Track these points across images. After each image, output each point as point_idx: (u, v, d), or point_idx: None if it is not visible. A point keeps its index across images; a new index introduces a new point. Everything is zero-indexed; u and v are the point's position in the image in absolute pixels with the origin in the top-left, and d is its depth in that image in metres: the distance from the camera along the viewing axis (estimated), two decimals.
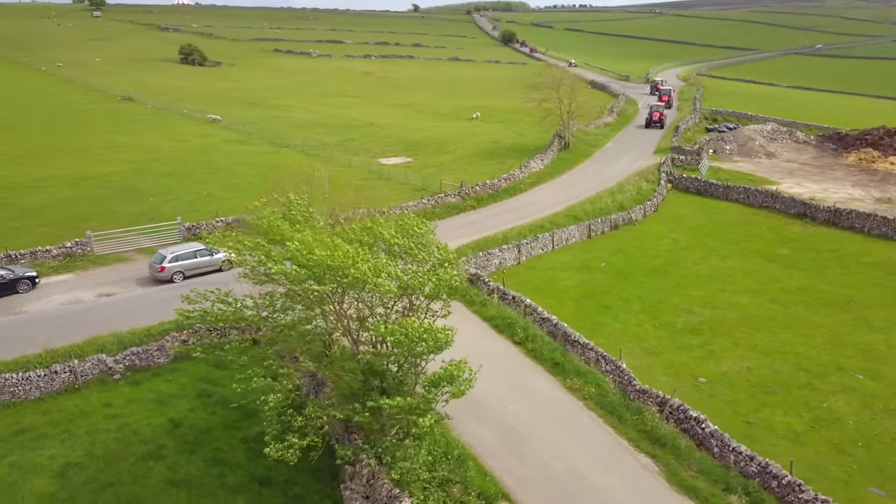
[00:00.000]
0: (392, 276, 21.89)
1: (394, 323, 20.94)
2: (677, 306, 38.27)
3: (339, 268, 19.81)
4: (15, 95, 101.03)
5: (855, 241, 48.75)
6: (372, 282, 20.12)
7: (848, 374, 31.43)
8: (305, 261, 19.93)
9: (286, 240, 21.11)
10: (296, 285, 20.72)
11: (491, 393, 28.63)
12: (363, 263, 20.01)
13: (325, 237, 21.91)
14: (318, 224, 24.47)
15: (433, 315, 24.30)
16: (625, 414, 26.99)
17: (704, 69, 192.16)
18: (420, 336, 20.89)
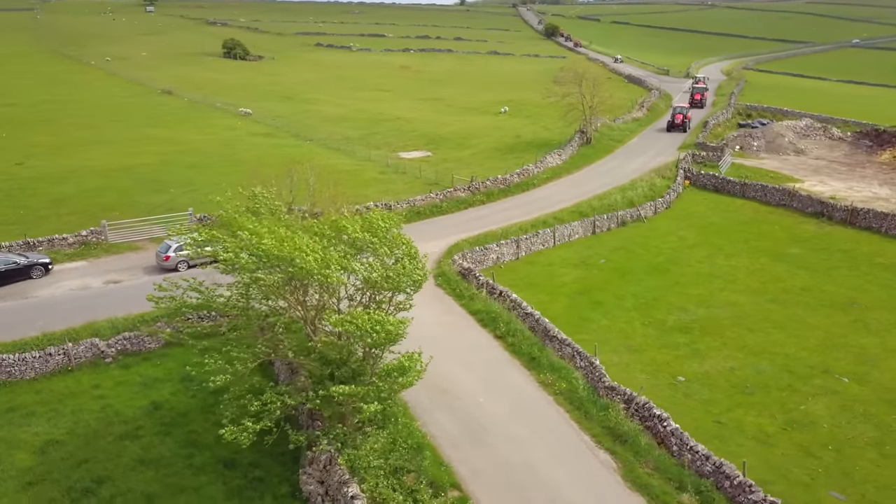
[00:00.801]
0: (347, 268, 22.55)
1: (345, 314, 21.52)
2: (672, 304, 38.02)
3: (286, 258, 20.53)
4: (61, 89, 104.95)
5: (870, 242, 47.49)
6: (319, 273, 20.77)
7: (833, 377, 30.89)
8: (254, 250, 20.71)
9: (242, 230, 21.92)
10: (246, 274, 21.52)
11: (464, 385, 29.16)
12: (311, 255, 20.67)
13: (282, 229, 22.62)
14: (284, 217, 25.15)
15: (397, 308, 24.89)
16: (592, 410, 27.13)
17: (752, 63, 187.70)
18: (372, 328, 21.48)
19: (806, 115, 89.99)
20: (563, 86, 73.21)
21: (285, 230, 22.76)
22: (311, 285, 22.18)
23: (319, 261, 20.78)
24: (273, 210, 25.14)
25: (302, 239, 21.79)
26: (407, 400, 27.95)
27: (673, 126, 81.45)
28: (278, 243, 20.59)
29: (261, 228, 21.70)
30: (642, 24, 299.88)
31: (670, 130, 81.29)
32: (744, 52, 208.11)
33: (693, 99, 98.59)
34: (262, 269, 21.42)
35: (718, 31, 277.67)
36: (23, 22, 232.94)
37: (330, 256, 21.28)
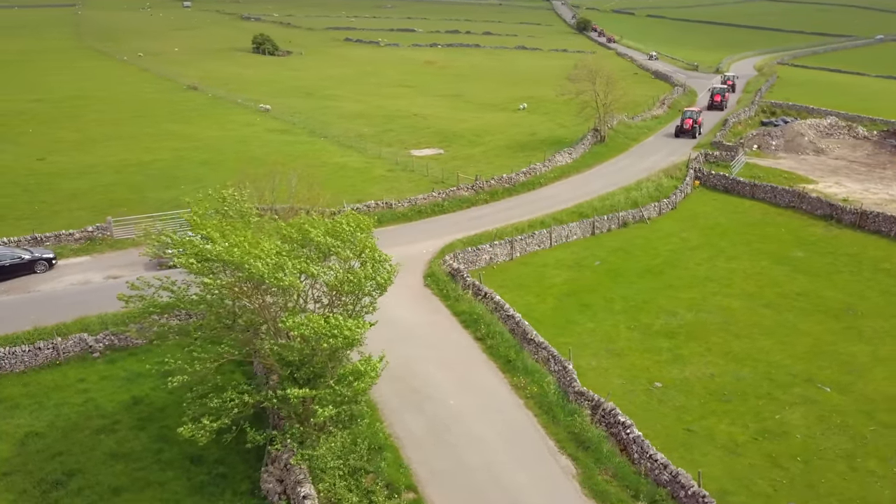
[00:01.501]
0: (307, 272, 22.92)
1: (301, 317, 21.86)
2: (661, 308, 37.71)
3: (236, 263, 20.98)
4: (91, 85, 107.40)
5: (878, 246, 46.41)
6: (271, 277, 21.17)
7: (815, 386, 30.41)
8: (205, 255, 21.20)
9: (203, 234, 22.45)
10: (201, 276, 22.05)
11: (437, 386, 29.44)
12: (263, 259, 21.07)
13: (244, 234, 23.07)
14: (253, 220, 25.61)
15: (361, 311, 25.19)
16: (559, 414, 27.17)
17: (788, 57, 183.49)
18: (329, 331, 21.83)
19: (832, 112, 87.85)
20: (576, 83, 72.58)
21: (250, 234, 23.25)
22: (269, 288, 22.59)
23: (271, 266, 21.17)
24: (243, 213, 25.59)
25: (259, 244, 22.20)
26: (377, 400, 28.38)
27: (682, 131, 76.22)
28: (228, 249, 21.04)
29: (214, 233, 22.15)
30: (677, 17, 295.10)
31: (679, 136, 76.00)
32: (780, 47, 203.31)
33: (713, 101, 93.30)
34: (213, 274, 21.92)
35: (755, 25, 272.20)
36: (64, 18, 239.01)
37: (283, 261, 21.66)
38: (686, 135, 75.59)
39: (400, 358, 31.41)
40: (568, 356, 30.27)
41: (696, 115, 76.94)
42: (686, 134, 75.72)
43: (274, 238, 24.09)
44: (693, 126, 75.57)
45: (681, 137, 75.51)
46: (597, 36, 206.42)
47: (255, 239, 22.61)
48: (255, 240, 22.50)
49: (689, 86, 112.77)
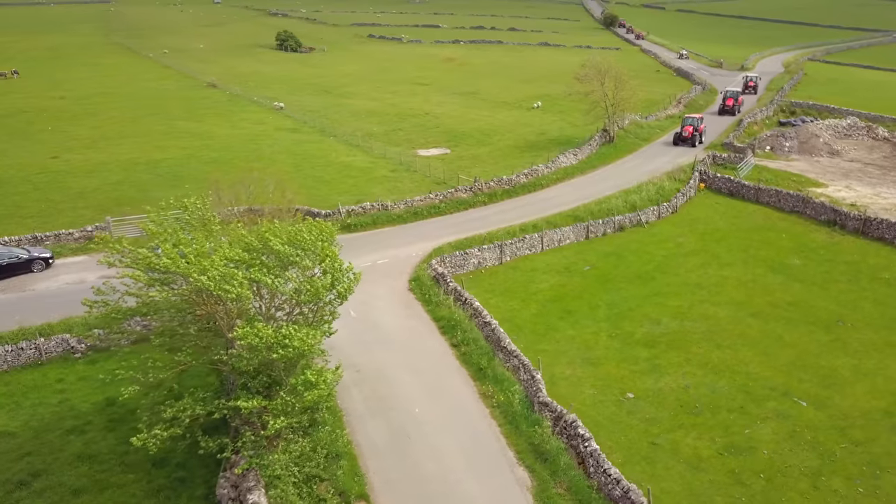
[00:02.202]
0: (261, 281, 23.15)
1: (250, 327, 22.08)
2: (645, 316, 37.30)
3: (183, 274, 21.29)
4: (114, 82, 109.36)
5: (879, 254, 45.30)
6: (217, 288, 21.43)
7: (791, 400, 29.86)
8: (152, 266, 21.54)
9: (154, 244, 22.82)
10: (150, 285, 22.42)
11: (405, 393, 29.54)
12: (210, 271, 21.34)
13: (201, 243, 23.37)
14: (216, 228, 25.90)
15: (320, 321, 25.36)
16: (522, 425, 27.10)
17: (821, 53, 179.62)
18: (278, 341, 22.06)
19: (853, 112, 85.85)
20: (584, 83, 71.90)
21: (204, 243, 23.55)
22: (220, 299, 22.86)
23: (217, 278, 21.43)
24: (205, 221, 25.90)
25: (206, 255, 22.44)
26: (344, 406, 28.62)
27: (680, 139, 71.43)
28: (173, 260, 21.35)
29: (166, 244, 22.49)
30: (709, 12, 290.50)
31: (677, 144, 71.39)
32: (814, 42, 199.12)
33: (724, 105, 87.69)
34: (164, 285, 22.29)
35: (789, 20, 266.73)
36: (98, 14, 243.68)
37: (229, 272, 21.89)
38: (685, 143, 71.04)
39: (373, 363, 31.79)
40: (537, 365, 30.09)
41: (696, 122, 72.23)
42: (685, 142, 71.11)
43: (234, 247, 24.34)
44: (693, 134, 70.88)
45: (679, 146, 71.19)
46: (625, 32, 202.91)
47: (203, 249, 22.87)
48: (203, 250, 22.77)
49: (711, 84, 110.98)
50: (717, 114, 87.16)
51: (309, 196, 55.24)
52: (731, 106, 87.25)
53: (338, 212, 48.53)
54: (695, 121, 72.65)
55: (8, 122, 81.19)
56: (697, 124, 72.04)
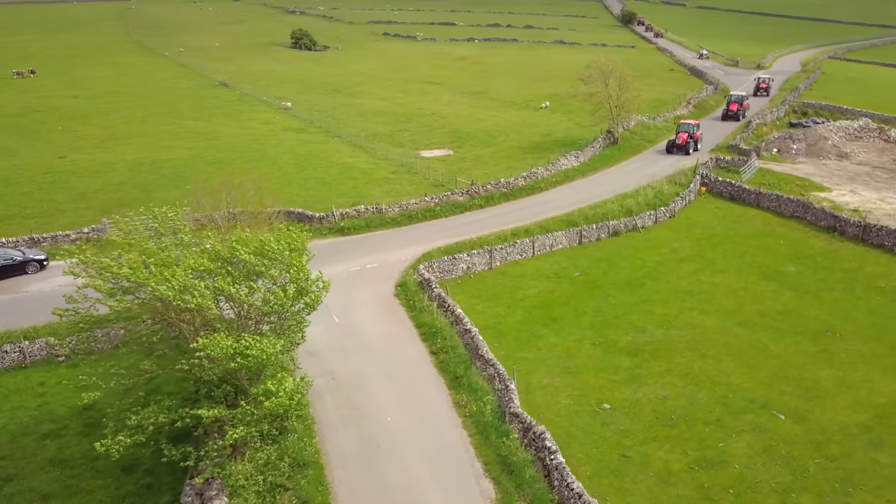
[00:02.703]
0: (226, 291, 23.30)
1: (208, 338, 22.23)
2: (632, 324, 37.01)
3: (143, 284, 21.51)
4: (129, 81, 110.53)
5: (878, 262, 44.51)
6: (178, 298, 21.61)
7: (769, 413, 29.49)
8: (113, 276, 21.78)
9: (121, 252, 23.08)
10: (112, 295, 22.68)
11: (379, 401, 29.61)
12: (164, 282, 21.53)
13: (169, 253, 23.60)
14: (187, 236, 26.09)
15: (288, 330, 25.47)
16: (492, 436, 27.04)
17: (842, 51, 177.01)
18: (238, 351, 22.22)
19: (867, 113, 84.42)
20: (588, 83, 71.38)
21: (171, 253, 23.78)
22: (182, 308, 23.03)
23: (177, 288, 21.61)
24: (176, 230, 26.11)
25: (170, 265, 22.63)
26: (316, 414, 28.76)
27: (674, 147, 68.08)
28: (134, 271, 21.58)
29: (131, 254, 22.72)
30: (731, 8, 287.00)
31: (670, 152, 68.02)
32: (836, 40, 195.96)
33: (728, 110, 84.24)
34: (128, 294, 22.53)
35: (812, 17, 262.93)
36: (119, 12, 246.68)
37: (190, 283, 22.06)
38: (679, 151, 67.61)
39: (350, 370, 31.90)
40: (513, 374, 29.98)
41: (692, 129, 68.90)
42: (679, 150, 67.62)
43: (202, 256, 24.51)
44: (688, 141, 67.54)
45: (673, 154, 67.89)
46: (644, 31, 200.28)
47: (170, 259, 23.08)
48: (169, 260, 22.98)
49: (724, 84, 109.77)
50: (721, 119, 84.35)
51: (308, 197, 55.62)
52: (736, 111, 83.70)
53: (332, 215, 48.69)
54: (690, 127, 69.35)
55: (21, 121, 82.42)
56: (693, 131, 68.92)
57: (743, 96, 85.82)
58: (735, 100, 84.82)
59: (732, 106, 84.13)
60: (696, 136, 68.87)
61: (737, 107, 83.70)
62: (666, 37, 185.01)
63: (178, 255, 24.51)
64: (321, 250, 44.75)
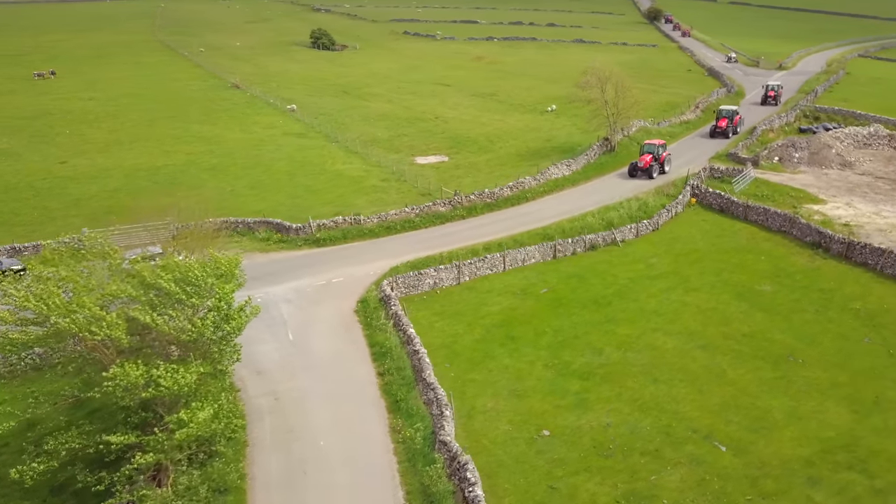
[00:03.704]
0: (141, 319, 23.57)
1: (118, 368, 22.52)
2: (589, 344, 36.54)
3: (47, 316, 21.89)
4: (145, 82, 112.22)
5: (858, 281, 43.23)
6: (84, 330, 21.93)
7: (710, 445, 28.89)
8: (19, 306, 22.21)
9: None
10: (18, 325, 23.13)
11: (317, 423, 29.74)
12: (68, 315, 21.86)
13: (88, 282, 23.95)
14: (116, 260, 26.43)
15: (214, 357, 25.68)
16: (419, 464, 26.99)
17: (875, 48, 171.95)
18: (149, 381, 22.49)
19: (880, 119, 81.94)
20: (586, 90, 70.49)
21: (91, 280, 24.13)
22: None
23: (82, 321, 21.92)
24: (105, 254, 26.46)
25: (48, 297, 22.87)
26: (253, 436, 28.98)
27: (636, 170, 62.17)
28: (39, 302, 21.94)
29: (40, 285, 23.12)
30: (764, 4, 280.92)
31: (633, 176, 62.29)
32: (870, 37, 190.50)
33: (716, 127, 76.66)
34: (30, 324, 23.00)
35: (848, 12, 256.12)
36: (148, 10, 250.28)
37: (98, 314, 22.34)
38: (642, 174, 61.87)
39: (295, 391, 32.08)
40: (450, 400, 29.84)
41: (657, 150, 62.73)
42: (642, 173, 61.92)
43: (124, 283, 24.83)
44: (651, 164, 61.64)
45: (636, 178, 62.14)
46: (671, 29, 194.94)
47: (89, 285, 23.42)
48: (88, 286, 23.31)
49: (741, 85, 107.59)
50: (710, 136, 76.92)
51: (293, 206, 55.95)
52: (724, 128, 76.12)
53: (308, 226, 48.90)
54: (655, 148, 63.23)
55: (33, 124, 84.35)
56: (658, 152, 62.83)
57: (734, 111, 77.88)
58: (725, 115, 77.25)
59: (721, 122, 76.76)
60: (663, 157, 62.80)
61: (726, 123, 76.34)
62: (693, 35, 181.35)
63: (103, 280, 24.85)
64: (292, 263, 45.37)
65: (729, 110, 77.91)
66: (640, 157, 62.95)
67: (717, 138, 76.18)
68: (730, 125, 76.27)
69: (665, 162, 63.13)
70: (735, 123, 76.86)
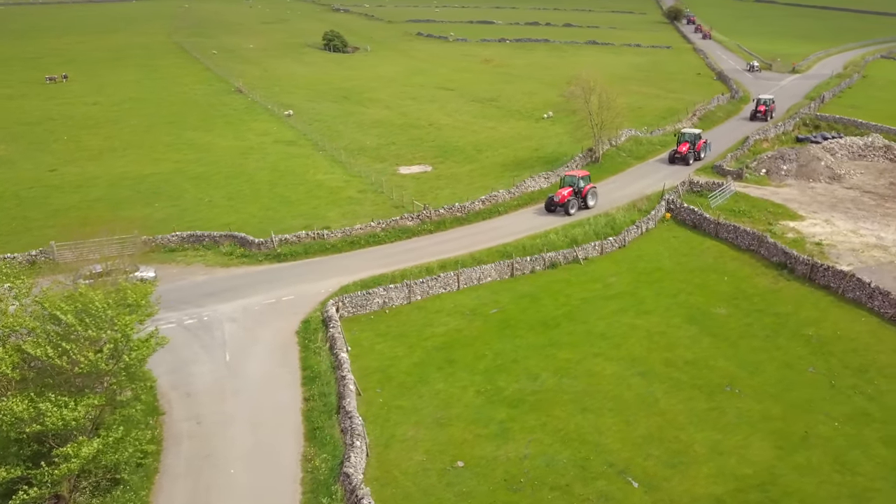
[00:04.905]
0: (35, 353, 23.94)
1: (6, 399, 22.92)
2: (526, 369, 36.22)
3: None
4: (152, 86, 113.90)
5: (818, 305, 42.20)
6: None
7: (623, 481, 28.47)
8: None
9: None
10: None
11: (232, 450, 29.95)
12: None
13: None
14: (26, 287, 26.89)
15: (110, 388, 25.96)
16: (322, 495, 27.01)
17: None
18: (33, 417, 22.87)
19: (881, 128, 79.80)
20: (570, 100, 69.82)
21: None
22: None
23: None
24: (12, 281, 26.91)
25: None
26: (166, 462, 29.24)
27: (553, 205, 55.98)
28: None
29: None
30: (790, 2, 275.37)
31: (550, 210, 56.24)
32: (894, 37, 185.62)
33: (675, 152, 69.20)
34: None
35: (877, 10, 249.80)
36: (170, 10, 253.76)
37: None
38: (560, 209, 55.97)
39: (218, 415, 32.30)
40: (363, 428, 29.82)
41: (578, 183, 56.91)
42: (559, 208, 55.97)
43: (18, 314, 25.23)
44: (568, 200, 55.48)
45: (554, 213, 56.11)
46: (693, 31, 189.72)
47: None
48: None
49: (748, 90, 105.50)
50: (668, 161, 69.86)
51: (264, 218, 56.36)
52: (685, 154, 68.67)
53: (270, 241, 49.20)
54: (575, 180, 57.27)
55: (34, 130, 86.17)
56: (579, 185, 56.89)
57: (697, 135, 70.67)
58: (686, 139, 70.13)
59: (681, 147, 69.31)
60: (585, 190, 56.68)
61: (686, 148, 69.09)
62: (712, 36, 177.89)
63: (5, 309, 25.28)
64: (249, 279, 45.68)
65: (692, 134, 71.08)
66: (559, 190, 56.80)
67: (677, 164, 68.78)
68: (692, 150, 69.29)
69: (588, 195, 56.87)
70: (698, 148, 69.74)
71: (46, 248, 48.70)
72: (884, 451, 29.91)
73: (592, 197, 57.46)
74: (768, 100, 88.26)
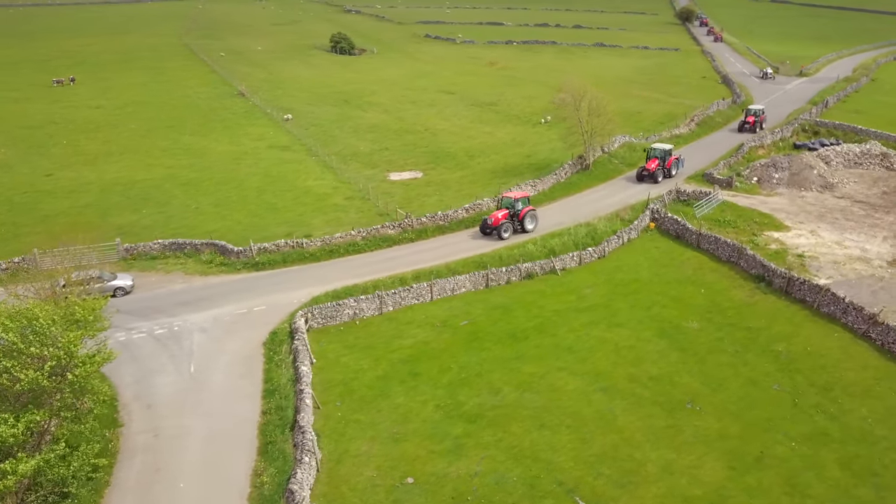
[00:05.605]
0: None
1: None
2: (489, 384, 36.16)
3: None
4: (157, 89, 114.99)
5: (792, 320, 41.72)
6: None
7: (571, 501, 28.34)
8: None
9: None
10: None
11: (184, 464, 30.17)
12: None
13: None
14: None
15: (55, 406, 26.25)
16: None
17: None
18: None
19: (881, 135, 78.73)
20: (560, 107, 69.53)
21: None
22: None
23: None
24: None
25: None
26: (118, 476, 29.53)
27: (487, 228, 53.16)
28: None
29: None
30: (806, 2, 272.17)
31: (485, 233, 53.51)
32: None
33: (644, 169, 65.35)
34: None
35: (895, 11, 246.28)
36: (183, 11, 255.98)
37: None
38: (493, 231, 53.22)
39: (175, 428, 32.55)
40: (315, 443, 29.94)
41: (515, 205, 53.66)
42: (493, 231, 53.18)
43: None
44: (501, 223, 52.63)
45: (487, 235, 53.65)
46: (706, 34, 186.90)
47: None
48: None
49: (751, 95, 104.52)
50: (636, 179, 66.01)
51: (249, 225, 56.71)
52: (654, 171, 64.72)
53: (249, 250, 49.47)
54: (513, 202, 53.94)
55: (35, 133, 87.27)
56: (517, 206, 53.94)
57: (667, 151, 66.16)
58: (655, 155, 65.87)
59: (650, 164, 65.20)
60: (523, 213, 53.60)
61: (656, 165, 65.17)
62: (723, 38, 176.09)
63: None
64: (225, 288, 45.98)
65: (661, 150, 66.32)
66: (494, 212, 53.72)
67: (646, 182, 64.81)
68: (661, 167, 65.42)
69: (526, 218, 53.78)
70: (668, 165, 65.66)
71: (29, 256, 49.21)
72: (838, 472, 29.55)
73: (531, 220, 54.15)
74: (758, 110, 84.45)
